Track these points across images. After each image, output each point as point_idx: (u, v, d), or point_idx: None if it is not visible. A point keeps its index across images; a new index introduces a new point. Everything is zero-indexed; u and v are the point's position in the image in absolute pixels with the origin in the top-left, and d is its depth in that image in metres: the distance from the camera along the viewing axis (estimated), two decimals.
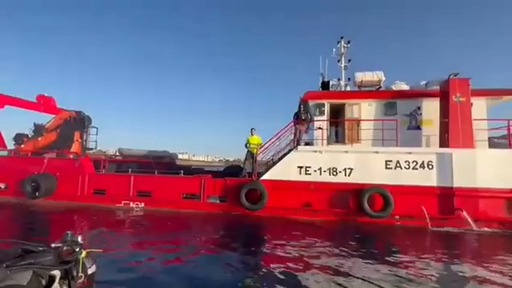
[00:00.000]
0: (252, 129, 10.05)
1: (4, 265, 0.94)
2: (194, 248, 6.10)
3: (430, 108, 9.67)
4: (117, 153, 14.91)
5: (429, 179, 8.66)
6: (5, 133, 12.77)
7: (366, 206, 8.45)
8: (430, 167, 8.70)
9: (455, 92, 8.76)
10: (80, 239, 1.28)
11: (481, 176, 8.29)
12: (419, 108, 9.96)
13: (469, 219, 8.06)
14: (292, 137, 10.17)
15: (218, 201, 9.75)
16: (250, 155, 9.83)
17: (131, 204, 10.16)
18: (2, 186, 11.11)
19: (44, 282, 1.01)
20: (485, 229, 7.97)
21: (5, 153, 12.15)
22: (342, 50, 12.40)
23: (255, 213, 9.12)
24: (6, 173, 11.08)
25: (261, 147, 10.11)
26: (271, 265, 4.98)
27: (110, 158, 14.39)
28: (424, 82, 10.47)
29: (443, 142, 8.95)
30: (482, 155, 8.44)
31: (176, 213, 9.59)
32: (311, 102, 10.56)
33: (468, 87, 8.76)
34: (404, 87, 10.60)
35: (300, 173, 9.37)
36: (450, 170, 8.48)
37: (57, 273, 1.06)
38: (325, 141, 9.96)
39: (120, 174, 10.95)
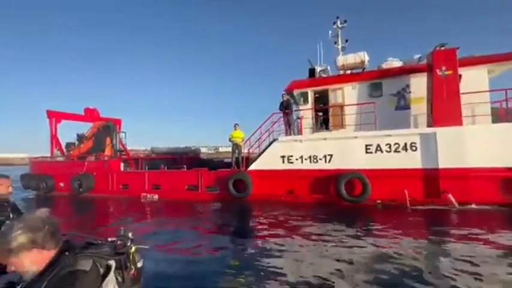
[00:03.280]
0: (235, 124, 10.82)
1: (75, 252, 1.11)
2: (190, 230, 7.34)
3: (420, 85, 8.96)
4: (150, 151, 17.54)
5: (413, 161, 8.26)
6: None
7: (343, 191, 8.58)
8: (414, 148, 8.27)
9: (439, 65, 8.00)
10: (130, 234, 1.40)
11: (470, 155, 7.60)
12: (408, 86, 9.30)
13: (455, 203, 7.56)
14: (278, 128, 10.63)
15: (214, 191, 10.92)
16: (235, 148, 10.65)
17: (148, 196, 12.12)
18: (62, 185, 14.32)
19: (102, 270, 1.13)
20: (470, 206, 7.41)
21: (62, 159, 15.49)
22: (339, 31, 12.03)
23: (244, 200, 10.01)
24: (63, 174, 14.21)
25: (246, 141, 10.82)
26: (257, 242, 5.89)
27: (146, 156, 16.93)
28: (418, 56, 9.65)
29: (430, 121, 8.34)
30: (472, 132, 7.66)
31: (182, 202, 11.15)
32: (296, 92, 10.77)
33: (455, 59, 7.89)
34: (396, 64, 9.92)
35: (283, 162, 9.86)
36: (435, 151, 7.95)
37: (112, 263, 1.18)
38: (306, 130, 10.16)
39: (138, 171, 13.02)
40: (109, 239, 1.32)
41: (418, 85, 9.05)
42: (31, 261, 1.05)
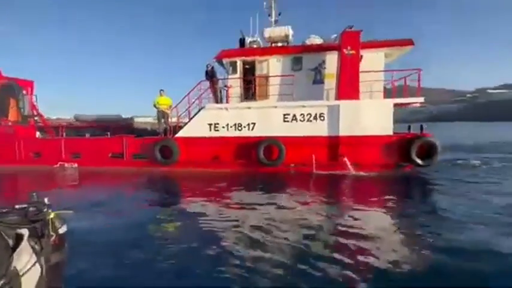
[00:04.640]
0: (160, 90, 10.55)
1: None
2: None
3: (333, 62, 9.99)
4: (74, 120, 15.75)
5: (321, 129, 9.49)
6: None
7: (262, 156, 9.44)
8: (322, 118, 9.47)
9: (346, 45, 9.05)
10: (46, 200, 1.25)
11: (363, 125, 9.11)
12: (323, 62, 10.29)
13: (349, 165, 9.11)
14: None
15: (140, 159, 10.72)
16: (162, 115, 10.50)
17: (66, 165, 11.22)
18: None
19: (11, 241, 0.96)
20: (362, 173, 9.07)
21: None
22: (272, 2, 12.15)
23: (171, 167, 10.15)
24: None
25: (173, 108, 10.72)
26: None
27: (69, 124, 15.16)
28: (335, 36, 10.59)
29: (337, 95, 9.55)
30: (365, 105, 9.12)
31: (105, 171, 10.69)
32: (225, 60, 10.87)
33: (358, 40, 9.01)
34: (317, 41, 10.74)
35: (210, 130, 10.18)
36: (337, 121, 9.26)
37: (24, 231, 1.01)
38: (234, 99, 10.56)
39: (51, 139, 11.80)
40: (17, 206, 1.15)
41: (331, 62, 10.07)
42: None
